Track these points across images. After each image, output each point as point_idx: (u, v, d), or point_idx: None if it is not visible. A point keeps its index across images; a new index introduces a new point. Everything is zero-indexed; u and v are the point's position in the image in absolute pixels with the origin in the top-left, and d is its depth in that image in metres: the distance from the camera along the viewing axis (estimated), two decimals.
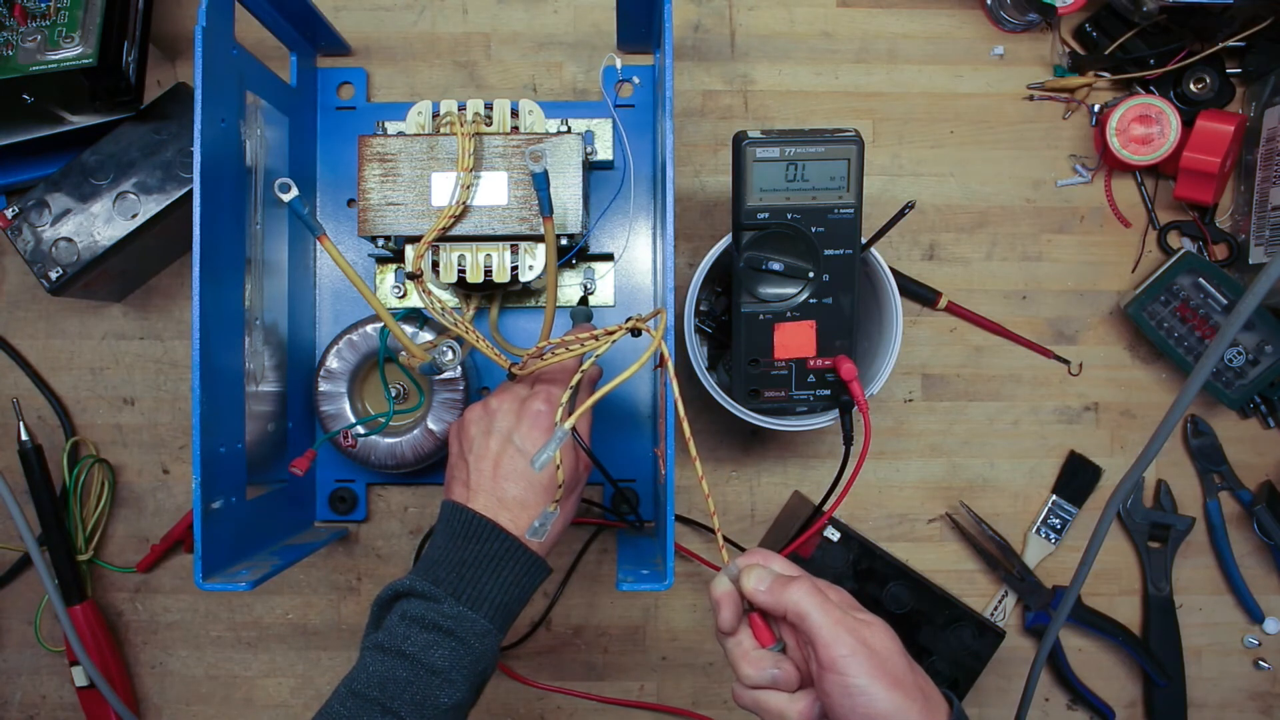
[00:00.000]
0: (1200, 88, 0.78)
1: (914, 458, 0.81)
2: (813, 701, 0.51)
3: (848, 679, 0.49)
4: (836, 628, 0.50)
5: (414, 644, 0.54)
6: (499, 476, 0.58)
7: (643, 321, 0.58)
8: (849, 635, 0.50)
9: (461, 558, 0.57)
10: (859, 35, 0.80)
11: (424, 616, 0.55)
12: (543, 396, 0.60)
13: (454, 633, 0.55)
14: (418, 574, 0.57)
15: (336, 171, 0.79)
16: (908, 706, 0.49)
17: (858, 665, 0.49)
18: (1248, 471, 0.80)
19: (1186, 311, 0.76)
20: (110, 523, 0.80)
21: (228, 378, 0.65)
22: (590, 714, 0.80)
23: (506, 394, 0.61)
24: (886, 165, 0.80)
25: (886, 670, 0.49)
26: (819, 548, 0.72)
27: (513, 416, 0.59)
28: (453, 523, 0.58)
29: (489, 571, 0.56)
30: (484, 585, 0.57)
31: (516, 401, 0.60)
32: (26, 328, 0.80)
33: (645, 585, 0.59)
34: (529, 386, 0.62)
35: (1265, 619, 0.81)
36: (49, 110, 0.71)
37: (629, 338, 0.58)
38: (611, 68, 0.77)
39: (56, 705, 0.81)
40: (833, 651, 0.49)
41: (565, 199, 0.66)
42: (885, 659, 0.50)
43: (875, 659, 0.49)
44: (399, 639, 0.54)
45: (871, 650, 0.50)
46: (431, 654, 0.54)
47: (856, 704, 0.49)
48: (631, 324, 0.58)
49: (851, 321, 0.66)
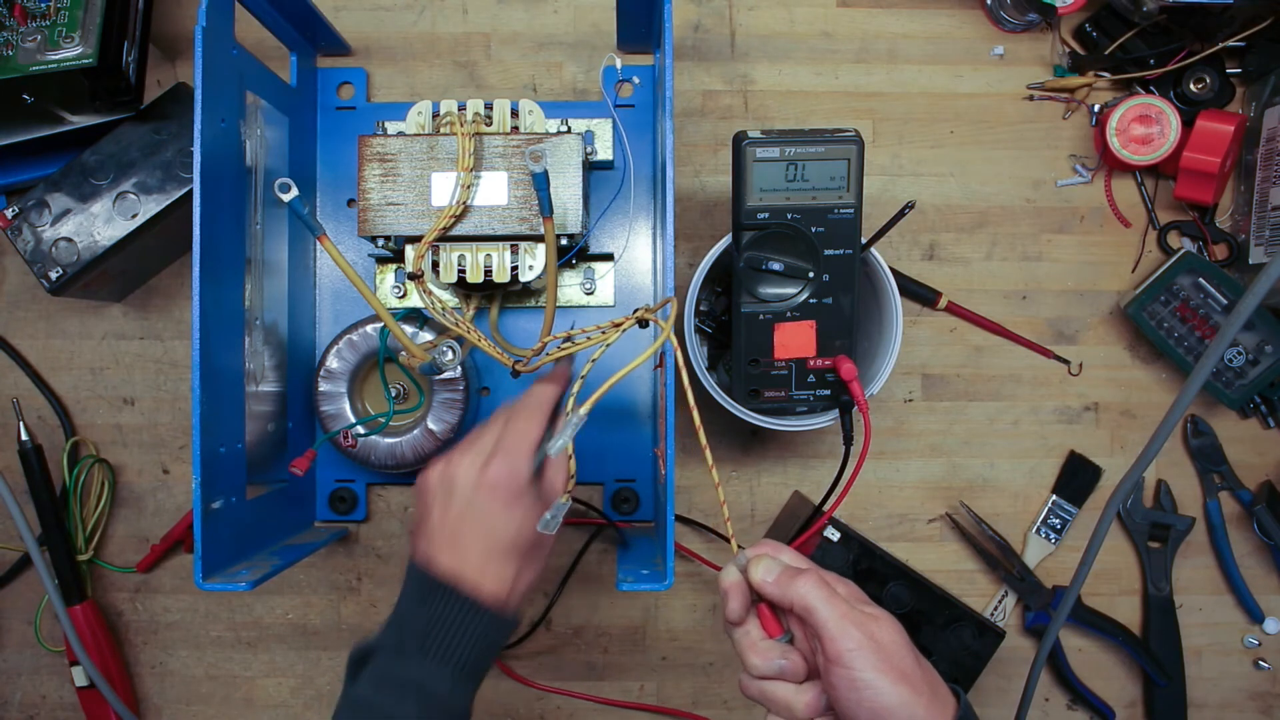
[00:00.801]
0: (1200, 88, 0.78)
1: (914, 458, 0.81)
2: (819, 693, 0.51)
3: (854, 672, 0.49)
4: (843, 621, 0.50)
5: (385, 702, 0.55)
6: (459, 542, 0.57)
7: (651, 312, 0.57)
8: (856, 629, 0.50)
9: (429, 615, 0.57)
10: (859, 35, 0.80)
11: (394, 675, 0.56)
12: (503, 459, 0.57)
13: (423, 688, 0.55)
14: (387, 632, 0.58)
15: (336, 171, 0.79)
16: (914, 701, 0.49)
17: (864, 659, 0.49)
18: (1248, 471, 0.80)
19: (1186, 311, 0.76)
20: (110, 523, 0.80)
21: (228, 378, 0.65)
22: (590, 714, 0.80)
23: (469, 451, 0.58)
24: (886, 165, 0.80)
25: (893, 664, 0.49)
26: (819, 548, 0.72)
27: (471, 484, 0.57)
28: (419, 584, 0.58)
29: (455, 630, 0.56)
30: (450, 644, 0.57)
31: (478, 464, 0.57)
32: (26, 328, 0.80)
33: (645, 585, 0.59)
34: (495, 435, 0.58)
35: (1265, 619, 0.81)
36: (49, 110, 0.71)
37: (635, 329, 0.58)
38: (611, 68, 0.77)
39: (56, 705, 0.81)
40: (839, 645, 0.49)
41: (565, 199, 0.66)
42: (892, 653, 0.50)
43: (882, 653, 0.49)
44: (369, 699, 0.55)
45: (878, 644, 0.50)
46: (402, 709, 0.55)
47: (863, 697, 0.49)
48: (639, 314, 0.57)
49: (851, 321, 0.66)
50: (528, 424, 0.58)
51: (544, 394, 0.60)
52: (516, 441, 0.57)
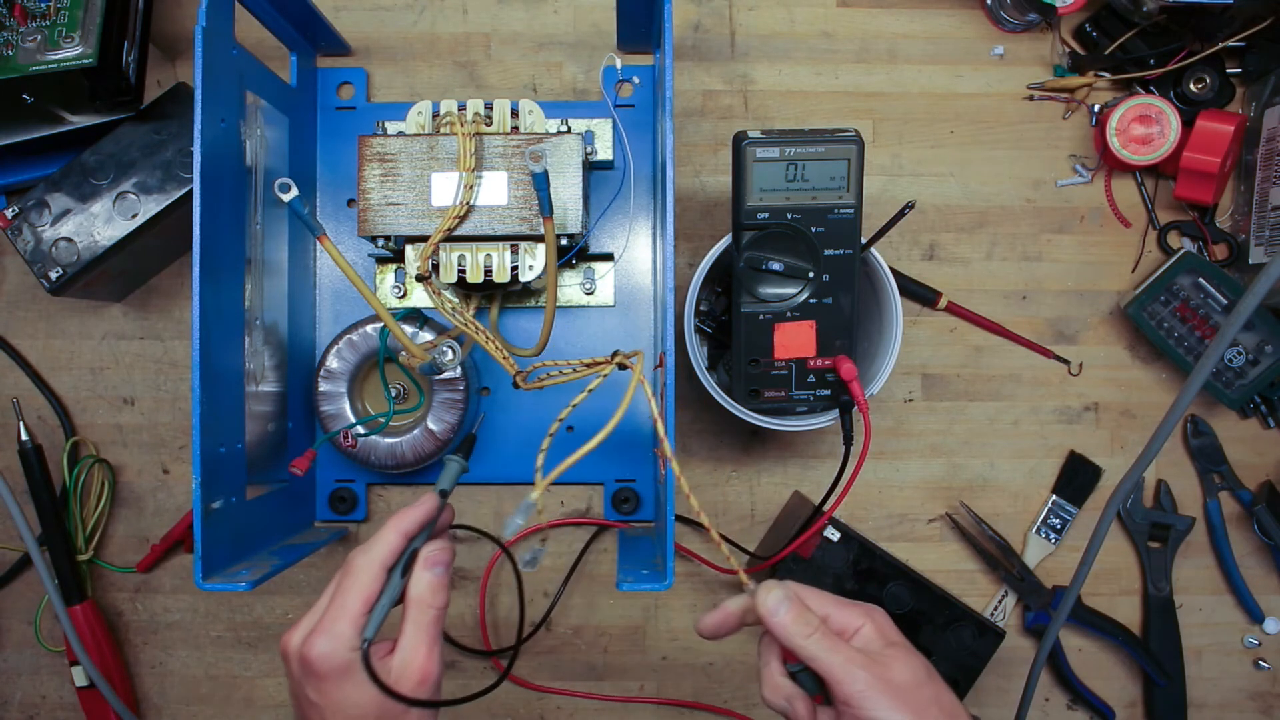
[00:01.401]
0: (1200, 88, 0.78)
1: (914, 458, 0.81)
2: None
3: (862, 713, 0.49)
4: (848, 665, 0.50)
5: None
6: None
7: (627, 357, 0.59)
8: (863, 670, 0.50)
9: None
10: (859, 35, 0.80)
11: None
12: (320, 637, 0.50)
13: None
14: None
15: (336, 171, 0.79)
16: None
17: (874, 700, 0.49)
18: (1248, 471, 0.80)
19: (1186, 311, 0.76)
20: (110, 523, 0.80)
21: (228, 378, 0.65)
22: (590, 714, 0.80)
23: (299, 622, 0.52)
24: (886, 165, 0.80)
25: (907, 701, 0.49)
26: (819, 548, 0.72)
27: (296, 666, 0.51)
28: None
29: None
30: None
31: (299, 638, 0.51)
32: (26, 328, 0.80)
33: (645, 585, 0.59)
34: (325, 600, 0.52)
35: (1265, 619, 0.81)
36: (49, 110, 0.71)
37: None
38: (611, 68, 0.77)
39: (56, 705, 0.81)
40: (847, 689, 0.50)
41: (565, 199, 0.66)
42: (907, 691, 0.50)
43: (893, 691, 0.50)
44: None
45: (890, 683, 0.50)
46: None
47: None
48: (619, 359, 0.59)
49: (851, 321, 0.66)
50: (353, 584, 0.51)
51: (383, 545, 0.53)
52: (335, 614, 0.50)
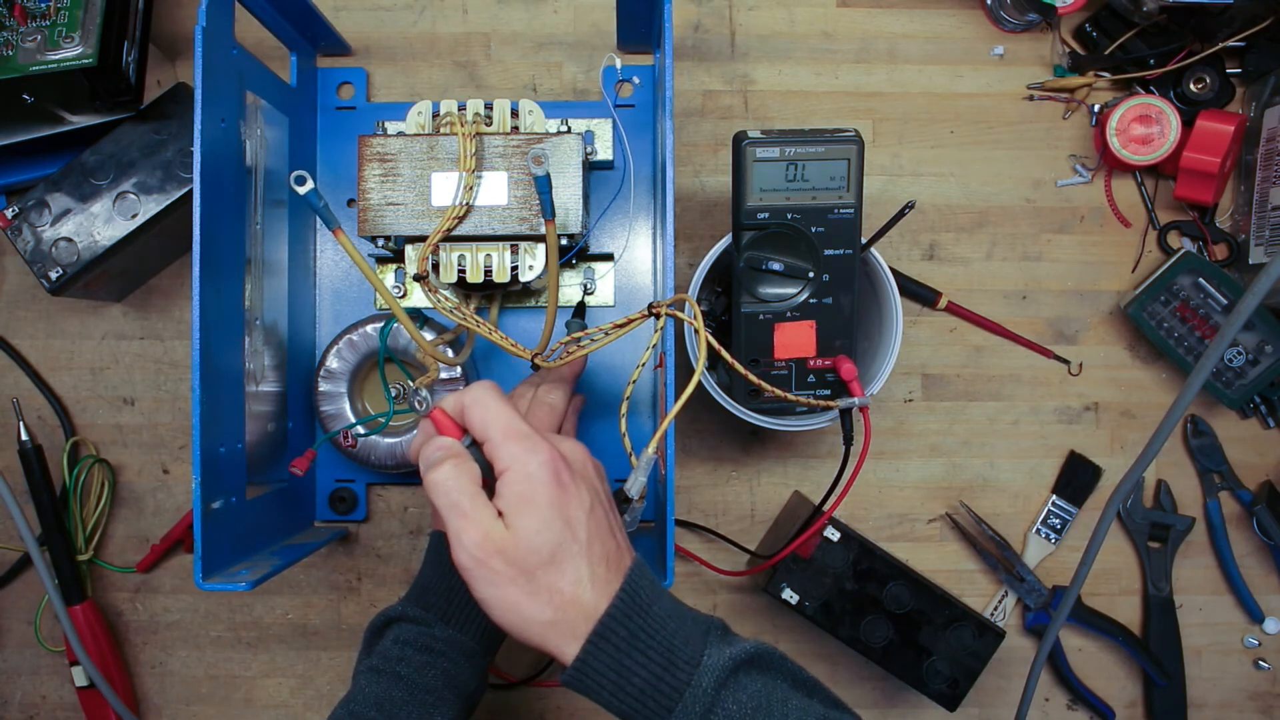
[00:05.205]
0: (1200, 88, 0.78)
1: (914, 458, 0.81)
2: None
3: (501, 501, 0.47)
4: (506, 440, 0.48)
5: (408, 666, 0.57)
6: None
7: (665, 305, 0.56)
8: (518, 445, 0.47)
9: (449, 584, 0.60)
10: (859, 35, 0.80)
11: (417, 640, 0.58)
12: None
13: (445, 654, 0.58)
14: (409, 601, 0.61)
15: (336, 171, 0.78)
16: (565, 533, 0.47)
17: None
18: (1248, 471, 0.80)
19: (1186, 311, 0.76)
20: (110, 523, 0.80)
21: (228, 378, 0.65)
22: (590, 713, 0.80)
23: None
24: (886, 165, 0.80)
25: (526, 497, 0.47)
26: (819, 548, 0.72)
27: None
28: (440, 552, 0.61)
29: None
30: (472, 610, 0.60)
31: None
32: (26, 328, 0.80)
33: None
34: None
35: (1265, 619, 0.81)
36: (49, 110, 0.71)
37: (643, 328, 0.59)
38: (611, 68, 0.77)
39: (56, 705, 0.81)
40: (501, 451, 0.47)
41: (565, 199, 0.66)
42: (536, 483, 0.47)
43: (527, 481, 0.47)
44: (394, 661, 0.57)
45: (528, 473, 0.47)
46: (425, 675, 0.57)
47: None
48: (654, 310, 0.57)
49: (851, 321, 0.66)
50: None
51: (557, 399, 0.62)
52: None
